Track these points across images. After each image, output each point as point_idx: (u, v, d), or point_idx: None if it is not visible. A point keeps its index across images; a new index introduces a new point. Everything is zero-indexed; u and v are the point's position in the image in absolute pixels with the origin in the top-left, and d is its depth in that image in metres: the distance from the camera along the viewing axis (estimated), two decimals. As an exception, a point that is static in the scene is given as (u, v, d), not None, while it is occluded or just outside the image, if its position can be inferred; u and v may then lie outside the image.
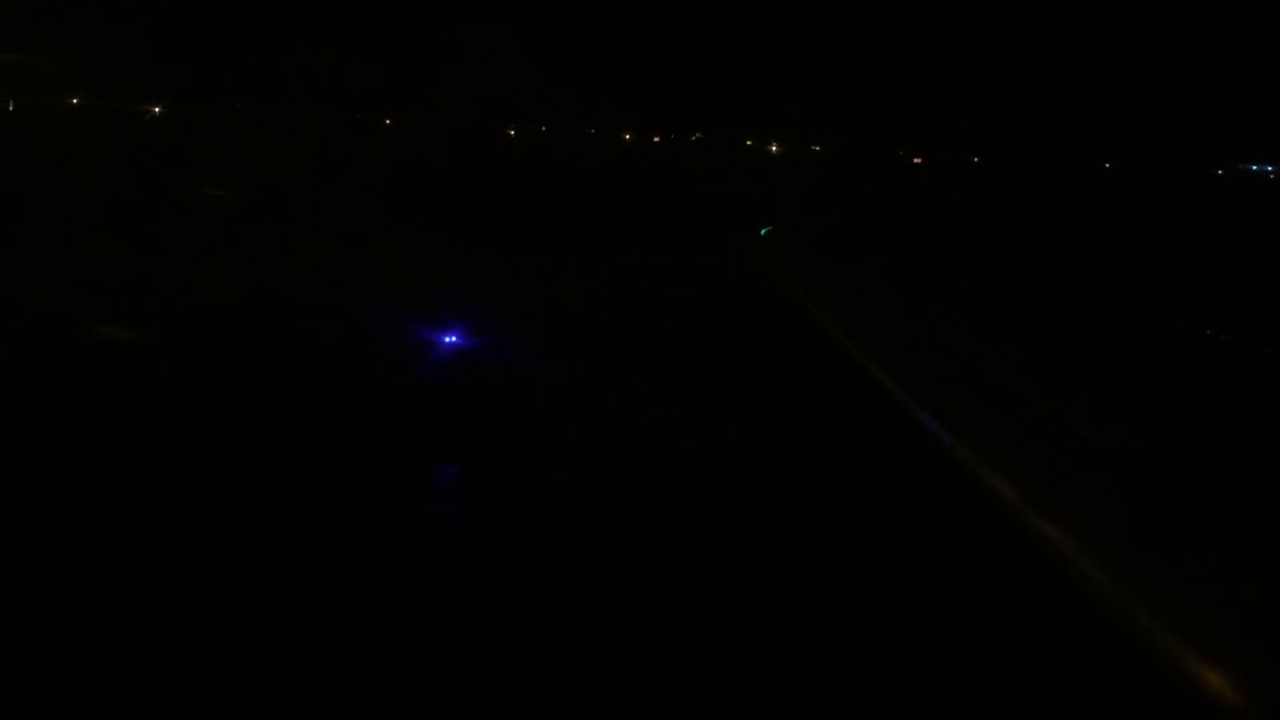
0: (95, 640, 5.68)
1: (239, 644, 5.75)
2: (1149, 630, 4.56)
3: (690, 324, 13.42)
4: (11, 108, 29.96)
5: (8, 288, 13.53)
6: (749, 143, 38.57)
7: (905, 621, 6.19)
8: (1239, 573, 5.18)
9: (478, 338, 12.17)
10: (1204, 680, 4.11)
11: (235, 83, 33.77)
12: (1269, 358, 12.49)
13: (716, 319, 13.88)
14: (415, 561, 7.05)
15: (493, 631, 6.07)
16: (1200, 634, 4.38)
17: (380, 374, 10.85)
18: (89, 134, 28.34)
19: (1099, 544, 5.52)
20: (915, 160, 41.30)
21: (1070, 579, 5.49)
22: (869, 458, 8.69)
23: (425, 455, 8.83)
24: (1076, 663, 5.18)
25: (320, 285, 15.21)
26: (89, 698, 5.22)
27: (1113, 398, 9.41)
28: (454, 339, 11.86)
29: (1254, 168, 29.89)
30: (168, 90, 32.48)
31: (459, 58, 33.46)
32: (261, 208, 21.59)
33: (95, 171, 22.83)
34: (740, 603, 6.43)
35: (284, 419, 9.27)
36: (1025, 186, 34.72)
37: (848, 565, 6.98)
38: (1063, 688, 5.20)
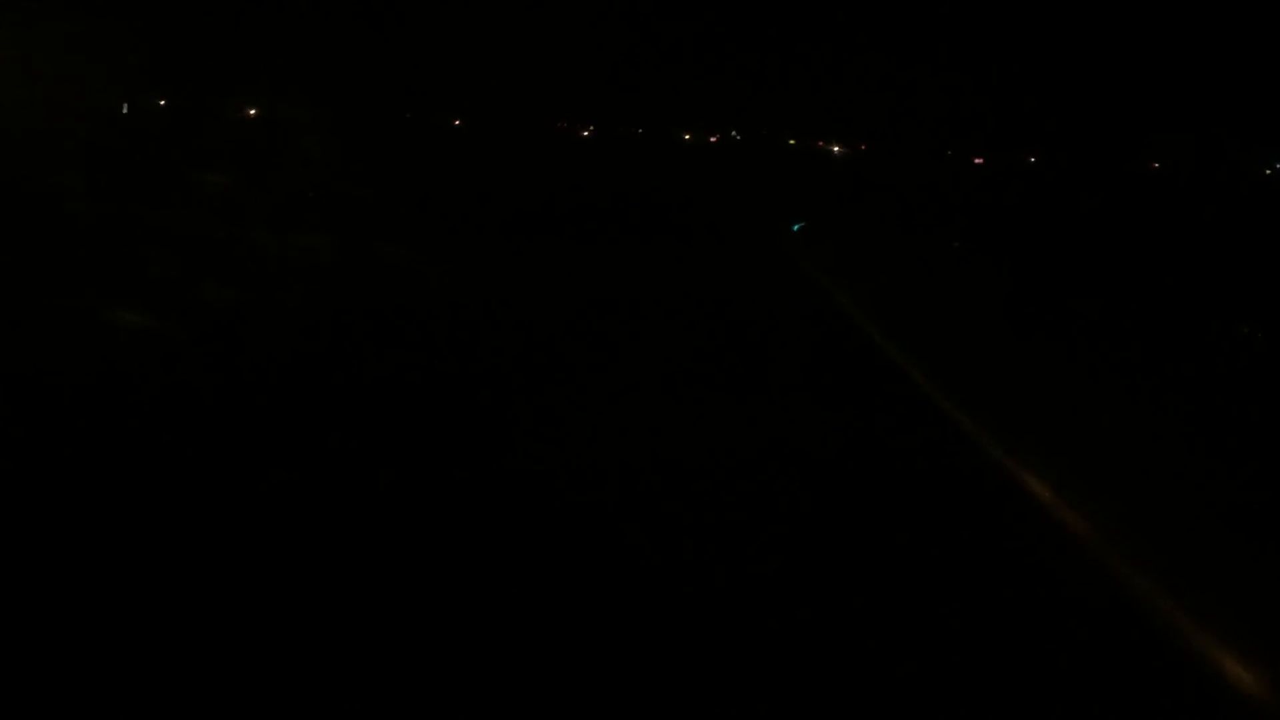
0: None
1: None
2: (1174, 621, 4.54)
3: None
4: (126, 110, 30.80)
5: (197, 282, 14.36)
6: (791, 141, 38.76)
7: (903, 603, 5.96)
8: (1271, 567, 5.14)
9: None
10: (1233, 675, 4.08)
11: (290, 82, 33.10)
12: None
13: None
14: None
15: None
16: (1229, 628, 4.34)
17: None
18: (195, 135, 28.73)
19: (1128, 537, 5.52)
20: (976, 160, 41.02)
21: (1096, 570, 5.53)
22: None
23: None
24: (1097, 649, 5.16)
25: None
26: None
27: (1147, 391, 10.02)
28: None
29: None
30: (249, 91, 33.13)
31: (494, 58, 33.15)
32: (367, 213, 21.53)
33: (211, 171, 23.76)
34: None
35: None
36: (1075, 185, 35.08)
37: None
38: (1082, 674, 5.09)
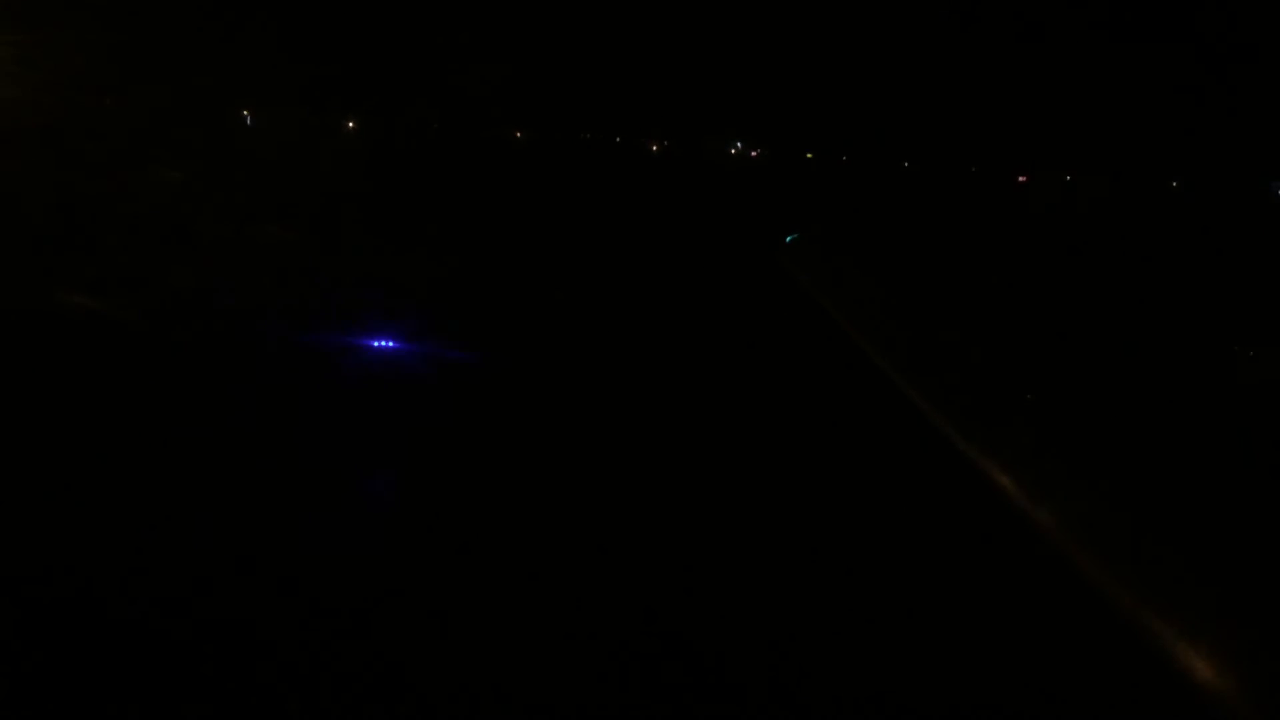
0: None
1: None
2: (1143, 619, 4.41)
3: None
4: (250, 122, 30.25)
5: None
6: (809, 155, 38.51)
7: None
8: (1237, 565, 4.97)
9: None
10: (1199, 672, 4.06)
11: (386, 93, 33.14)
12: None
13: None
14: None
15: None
16: (1196, 624, 4.28)
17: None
18: (316, 147, 29.16)
19: (1095, 533, 5.18)
20: (1021, 179, 41.02)
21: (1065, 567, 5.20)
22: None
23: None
24: (1073, 654, 5.35)
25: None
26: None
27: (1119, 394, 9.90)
28: None
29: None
30: (342, 101, 32.88)
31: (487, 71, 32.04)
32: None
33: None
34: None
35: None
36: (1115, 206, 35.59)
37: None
38: (1058, 679, 5.35)
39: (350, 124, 35.74)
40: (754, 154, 40.53)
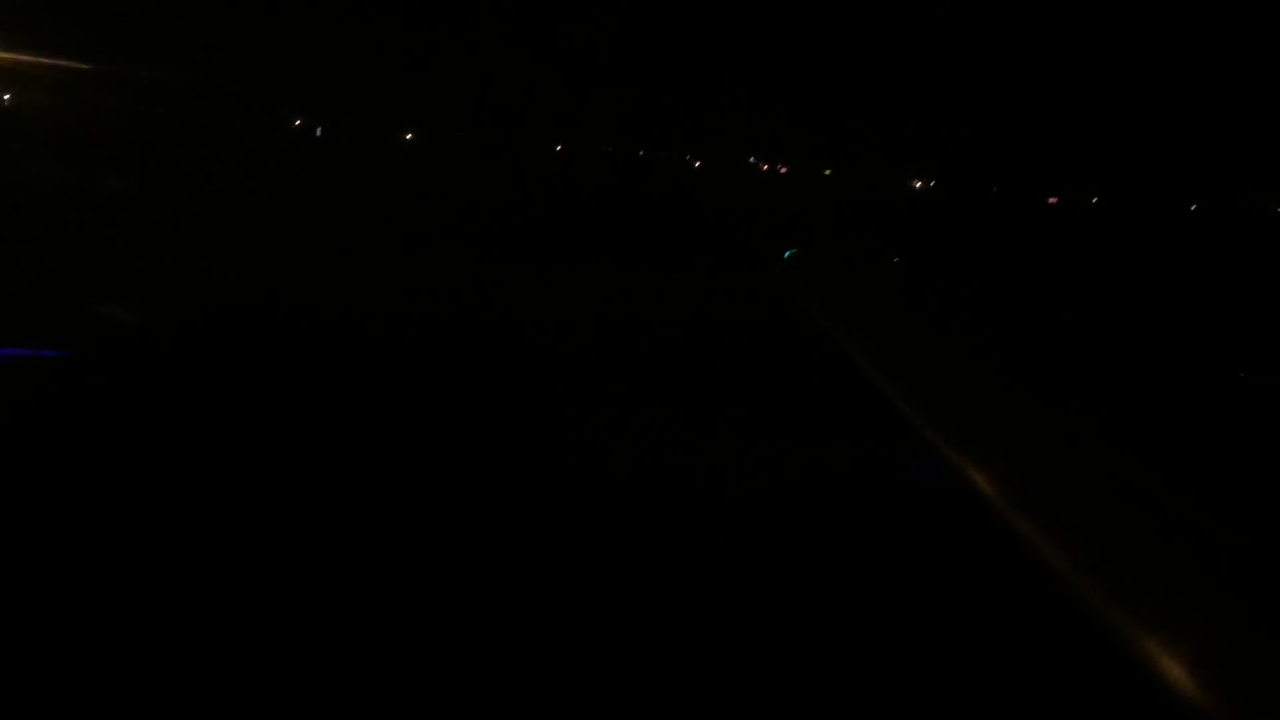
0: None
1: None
2: (1130, 633, 4.39)
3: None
4: (320, 133, 30.42)
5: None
6: (827, 172, 38.69)
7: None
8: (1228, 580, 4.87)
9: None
10: (1182, 683, 4.02)
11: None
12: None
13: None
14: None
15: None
16: (1181, 638, 4.22)
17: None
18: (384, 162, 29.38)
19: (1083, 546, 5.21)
20: (1051, 200, 42.15)
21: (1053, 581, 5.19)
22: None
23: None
24: (1056, 663, 5.18)
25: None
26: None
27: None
28: None
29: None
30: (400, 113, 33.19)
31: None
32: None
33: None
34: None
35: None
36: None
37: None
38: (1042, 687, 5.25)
39: (407, 135, 37.63)
40: (782, 170, 41.75)
